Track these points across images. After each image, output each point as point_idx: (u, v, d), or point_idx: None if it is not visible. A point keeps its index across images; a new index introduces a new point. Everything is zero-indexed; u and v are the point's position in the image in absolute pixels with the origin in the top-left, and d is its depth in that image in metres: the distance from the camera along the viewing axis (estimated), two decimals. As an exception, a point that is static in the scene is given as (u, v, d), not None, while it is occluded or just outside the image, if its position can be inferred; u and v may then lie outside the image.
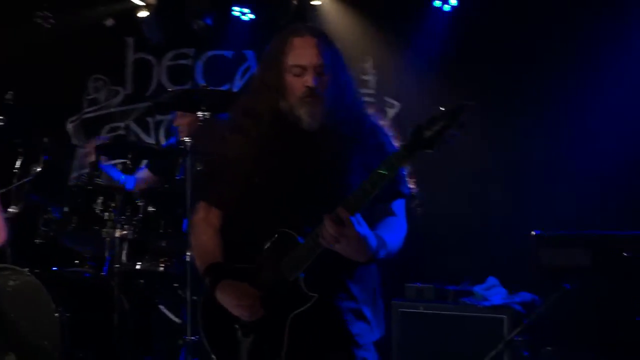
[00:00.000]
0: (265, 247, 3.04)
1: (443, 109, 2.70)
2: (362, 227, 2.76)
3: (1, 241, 3.69)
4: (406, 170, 2.96)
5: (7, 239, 3.73)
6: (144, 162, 5.60)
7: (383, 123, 3.27)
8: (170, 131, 6.63)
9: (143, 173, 5.56)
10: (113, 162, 6.19)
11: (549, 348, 4.69)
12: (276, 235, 3.02)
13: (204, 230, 3.25)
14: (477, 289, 4.69)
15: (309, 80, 3.05)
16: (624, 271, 3.33)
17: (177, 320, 5.14)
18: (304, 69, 3.06)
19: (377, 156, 2.91)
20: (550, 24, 5.92)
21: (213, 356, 3.12)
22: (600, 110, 5.41)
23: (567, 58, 5.80)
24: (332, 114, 3.10)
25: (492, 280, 4.76)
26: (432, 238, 3.09)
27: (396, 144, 3.09)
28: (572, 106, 5.61)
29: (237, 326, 3.05)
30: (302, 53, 3.08)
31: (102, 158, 5.56)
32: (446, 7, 6.13)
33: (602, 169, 5.02)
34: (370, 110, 3.33)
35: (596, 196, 5.01)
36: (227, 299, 3.02)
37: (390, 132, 3.20)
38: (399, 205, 3.08)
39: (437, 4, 6.13)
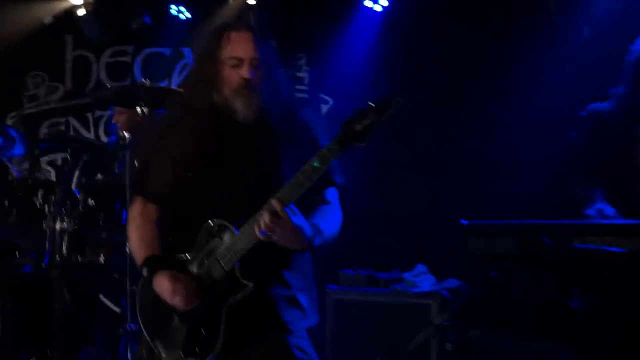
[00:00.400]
0: (201, 238, 2.99)
1: (372, 104, 2.73)
2: (297, 217, 2.77)
3: None
4: (338, 161, 2.90)
5: None
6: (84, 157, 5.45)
7: (315, 118, 3.27)
8: (110, 129, 6.57)
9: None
10: (53, 155, 6.17)
11: (475, 331, 4.69)
12: (211, 226, 2.96)
13: (140, 223, 3.21)
14: (407, 275, 4.70)
15: (245, 72, 3.03)
16: (546, 258, 3.34)
17: (117, 309, 5.03)
18: (240, 61, 3.04)
19: (310, 150, 2.88)
20: (477, 26, 5.95)
21: (151, 342, 3.06)
22: (524, 108, 5.46)
23: (494, 57, 5.84)
24: (266, 106, 3.08)
25: (420, 268, 4.76)
26: (365, 227, 3.05)
27: (328, 137, 2.98)
28: (497, 104, 5.64)
29: (174, 315, 3.00)
30: (238, 46, 3.06)
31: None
32: (377, 8, 6.11)
33: (526, 162, 5.09)
34: (304, 105, 3.40)
35: (520, 187, 5.04)
36: (164, 289, 2.97)
37: (322, 127, 3.19)
38: (332, 193, 3.09)
39: (368, 4, 6.11)
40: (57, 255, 4.78)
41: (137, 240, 3.16)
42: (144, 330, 3.08)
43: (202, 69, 3.15)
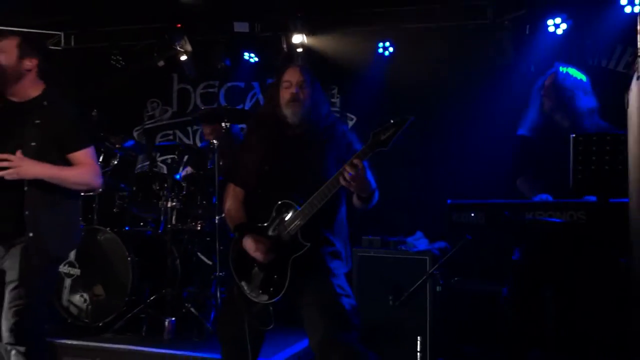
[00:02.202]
0: (273, 212, 3.03)
1: (393, 121, 2.79)
2: (368, 172, 2.84)
3: (97, 186, 3.40)
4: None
5: (100, 185, 3.46)
6: (186, 157, 5.52)
7: (348, 130, 3.30)
8: (203, 137, 6.62)
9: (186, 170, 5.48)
10: (165, 156, 6.23)
11: (456, 278, 4.74)
12: (280, 204, 3.01)
13: (232, 201, 3.24)
14: (409, 239, 4.68)
15: (293, 89, 3.09)
16: (504, 225, 3.32)
17: (209, 262, 5.10)
18: (290, 83, 3.10)
19: (347, 151, 2.97)
20: (455, 64, 5.92)
21: (239, 283, 3.09)
22: (489, 121, 5.44)
23: (469, 84, 5.80)
24: (308, 116, 3.11)
25: (418, 234, 4.74)
26: (380, 205, 3.10)
27: (359, 143, 3.10)
28: (472, 118, 5.64)
29: (254, 263, 3.03)
30: (290, 74, 3.13)
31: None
32: (386, 53, 6.11)
33: (490, 159, 5.00)
34: (340, 120, 3.41)
35: (485, 181, 4.99)
36: (248, 247, 3.01)
37: (353, 136, 3.23)
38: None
39: (380, 51, 6.11)
40: (169, 224, 4.84)
41: (231, 213, 3.20)
42: (234, 274, 3.11)
43: (270, 92, 3.22)
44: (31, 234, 3.11)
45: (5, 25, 6.71)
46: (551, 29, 5.32)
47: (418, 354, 4.37)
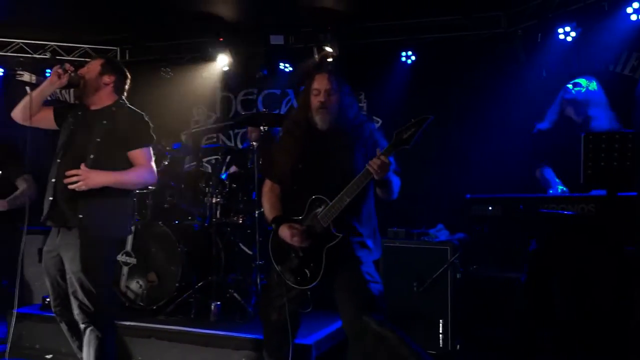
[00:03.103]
0: (308, 206, 3.03)
1: (414, 120, 2.78)
2: (392, 164, 2.86)
3: (152, 183, 3.58)
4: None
5: (155, 181, 3.58)
6: (229, 157, 5.53)
7: (375, 129, 3.24)
8: (244, 139, 6.66)
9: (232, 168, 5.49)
10: (210, 157, 6.26)
11: (475, 266, 4.69)
12: (314, 199, 3.01)
13: (270, 196, 3.24)
14: (431, 231, 4.65)
15: (321, 97, 3.04)
16: (519, 218, 3.29)
17: (249, 252, 5.09)
18: (319, 91, 3.06)
19: (373, 149, 2.91)
20: (472, 67, 5.87)
21: (278, 270, 3.09)
22: (505, 121, 5.39)
23: (485, 87, 5.75)
24: (337, 120, 3.07)
25: (440, 226, 4.70)
26: (405, 199, 3.08)
27: (385, 141, 3.06)
28: (488, 118, 5.58)
29: (292, 252, 3.04)
30: (319, 82, 3.08)
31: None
32: (408, 61, 6.10)
33: (508, 156, 4.97)
34: (368, 120, 3.37)
35: (500, 178, 4.89)
36: (285, 235, 3.01)
37: (380, 135, 3.18)
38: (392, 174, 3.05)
39: (403, 59, 6.09)
40: (214, 218, 4.84)
41: (268, 206, 3.19)
42: (273, 262, 3.11)
43: (302, 100, 3.18)
44: (81, 216, 3.20)
45: (70, 41, 6.90)
46: (561, 36, 5.24)
47: (440, 335, 4.35)
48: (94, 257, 3.21)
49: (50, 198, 3.29)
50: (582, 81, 3.90)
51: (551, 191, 3.51)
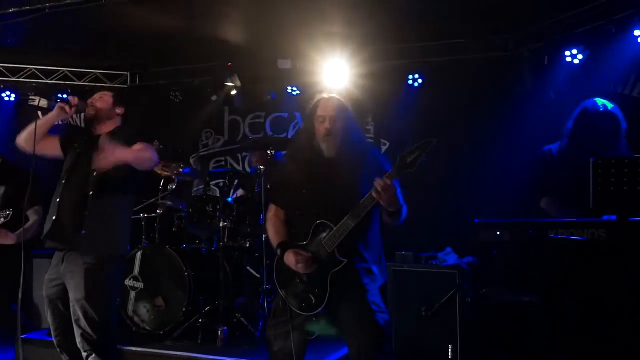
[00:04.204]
0: (312, 231, 2.98)
1: (417, 144, 2.75)
2: (398, 190, 2.79)
3: (157, 160, 3.57)
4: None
5: (158, 161, 3.61)
6: (236, 181, 5.52)
7: (379, 153, 3.29)
8: (251, 164, 6.64)
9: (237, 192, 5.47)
10: (217, 181, 6.24)
11: (484, 290, 4.56)
12: (319, 224, 2.96)
13: (274, 221, 3.20)
14: (440, 254, 4.56)
15: (326, 125, 3.00)
16: (528, 243, 3.23)
17: (257, 275, 5.07)
18: (324, 118, 3.01)
19: (378, 174, 2.85)
20: (479, 91, 5.84)
21: (284, 297, 3.04)
22: (511, 145, 5.33)
23: (491, 111, 5.72)
24: (342, 146, 3.03)
25: (448, 249, 4.61)
26: (412, 223, 3.03)
27: (389, 166, 3.00)
28: (495, 144, 5.55)
29: (297, 278, 2.99)
30: (324, 108, 3.03)
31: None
32: (416, 84, 6.07)
33: (513, 182, 4.82)
34: (371, 146, 3.33)
35: (508, 199, 4.82)
36: (290, 261, 2.95)
37: (384, 159, 3.15)
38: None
39: (410, 82, 6.07)
40: (221, 242, 4.83)
41: (273, 232, 3.14)
42: (278, 289, 3.06)
43: (306, 124, 3.16)
44: (84, 232, 3.23)
45: (81, 67, 6.95)
46: (568, 59, 5.20)
47: (449, 361, 4.26)
48: (98, 283, 3.19)
49: (54, 217, 3.30)
50: (599, 100, 3.84)
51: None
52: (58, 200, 3.37)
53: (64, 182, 3.41)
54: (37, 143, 3.36)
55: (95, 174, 3.31)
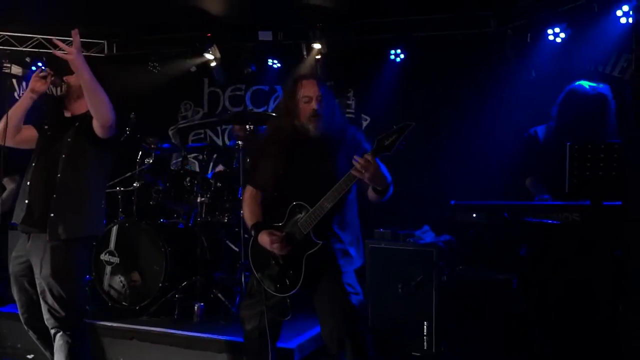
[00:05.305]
0: (288, 212, 2.96)
1: (395, 127, 2.70)
2: (381, 166, 2.77)
3: (112, 116, 3.24)
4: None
5: (114, 118, 3.27)
6: (214, 155, 5.46)
7: (358, 131, 3.18)
8: (230, 136, 6.57)
9: (219, 167, 5.41)
10: (196, 154, 6.17)
11: (460, 267, 4.61)
12: (295, 205, 2.94)
13: (250, 202, 3.17)
14: (417, 232, 4.57)
15: (314, 105, 2.97)
16: (503, 225, 3.27)
17: (235, 249, 5.00)
18: (309, 98, 2.98)
19: (356, 152, 2.85)
20: (460, 68, 5.79)
21: (258, 278, 3.04)
22: (492, 125, 5.32)
23: (472, 88, 5.68)
24: (327, 125, 3.01)
25: (426, 227, 4.62)
26: (391, 201, 3.01)
27: (368, 144, 3.00)
28: (475, 123, 5.51)
29: (272, 259, 2.98)
30: (308, 89, 3.00)
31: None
32: (397, 59, 5.99)
33: (494, 162, 4.90)
34: (350, 123, 3.30)
35: (488, 178, 4.86)
36: (265, 241, 2.94)
37: (363, 137, 3.11)
38: None
39: (392, 57, 5.99)
40: (199, 218, 4.79)
41: (249, 213, 3.13)
42: (253, 269, 3.06)
43: (287, 105, 3.08)
44: (52, 215, 3.17)
45: (55, 34, 6.74)
46: (551, 37, 5.17)
47: (424, 337, 4.30)
48: (64, 261, 3.15)
49: (26, 201, 3.23)
50: (585, 83, 3.83)
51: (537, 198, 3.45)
52: (28, 183, 3.29)
53: (33, 164, 3.33)
54: (15, 135, 3.32)
55: (63, 156, 3.23)
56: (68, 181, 3.23)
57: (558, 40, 5.16)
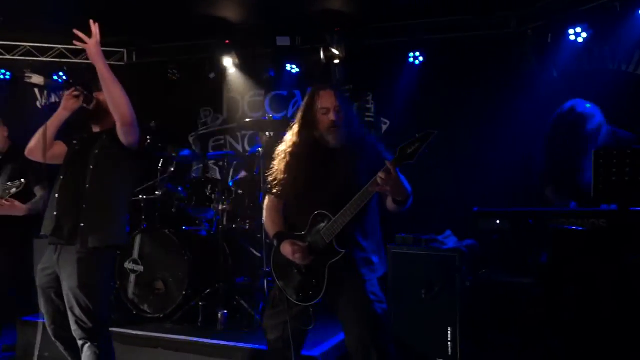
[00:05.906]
0: (310, 222, 2.96)
1: (417, 135, 2.67)
2: (402, 177, 2.79)
3: (131, 114, 3.28)
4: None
5: (133, 117, 3.29)
6: (235, 162, 5.47)
7: (376, 139, 3.17)
8: (252, 141, 6.61)
9: (242, 174, 5.43)
10: (217, 160, 6.19)
11: (483, 270, 4.58)
12: (317, 215, 2.94)
13: (271, 212, 3.18)
14: (439, 237, 4.54)
15: (332, 116, 2.98)
16: (528, 231, 3.25)
17: (258, 255, 5.02)
18: (328, 109, 2.98)
19: (376, 161, 2.84)
20: (482, 69, 5.75)
21: (281, 287, 3.05)
22: (515, 127, 5.28)
23: (494, 91, 5.63)
24: (346, 136, 3.01)
25: (448, 232, 4.59)
26: (414, 206, 2.99)
27: (387, 152, 2.99)
28: (498, 125, 5.45)
29: (294, 269, 2.98)
30: (326, 100, 3.00)
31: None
32: (417, 62, 5.98)
33: (519, 156, 4.87)
34: (369, 131, 3.30)
35: (514, 175, 4.83)
36: (287, 251, 2.95)
37: (382, 145, 3.11)
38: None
39: (411, 60, 5.97)
40: (220, 225, 4.82)
41: (270, 222, 3.14)
42: (276, 279, 3.06)
43: (306, 117, 3.08)
44: (82, 225, 3.22)
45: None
46: (572, 37, 5.11)
47: (449, 343, 4.27)
48: (91, 272, 3.19)
49: (55, 213, 3.28)
50: (571, 104, 3.87)
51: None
52: (57, 196, 3.33)
53: (61, 177, 3.38)
54: (48, 149, 3.38)
55: (91, 167, 3.28)
56: (97, 191, 3.28)
57: (580, 40, 5.11)
